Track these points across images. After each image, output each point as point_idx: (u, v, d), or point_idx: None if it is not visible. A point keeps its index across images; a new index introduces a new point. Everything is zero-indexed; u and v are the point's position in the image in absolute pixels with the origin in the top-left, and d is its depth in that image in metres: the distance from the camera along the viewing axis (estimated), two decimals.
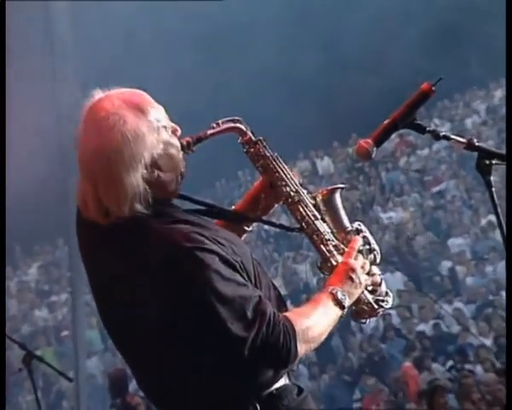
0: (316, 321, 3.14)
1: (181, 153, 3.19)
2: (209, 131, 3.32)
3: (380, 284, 3.45)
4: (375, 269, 3.46)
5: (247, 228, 3.60)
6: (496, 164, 3.72)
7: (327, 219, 3.47)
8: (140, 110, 3.06)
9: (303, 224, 3.44)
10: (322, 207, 3.48)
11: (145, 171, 3.02)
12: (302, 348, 3.07)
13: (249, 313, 2.96)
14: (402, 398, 14.67)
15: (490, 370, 13.64)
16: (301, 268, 21.15)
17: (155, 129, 3.07)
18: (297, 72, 22.87)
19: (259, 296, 3.03)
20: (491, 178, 3.73)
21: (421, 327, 18.81)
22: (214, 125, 3.34)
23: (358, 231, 3.47)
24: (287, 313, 3.11)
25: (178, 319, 2.99)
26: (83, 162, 3.08)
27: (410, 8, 24.97)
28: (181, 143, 3.20)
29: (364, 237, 3.47)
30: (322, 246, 3.40)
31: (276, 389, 3.11)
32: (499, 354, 13.97)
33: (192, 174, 3.31)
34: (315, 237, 3.42)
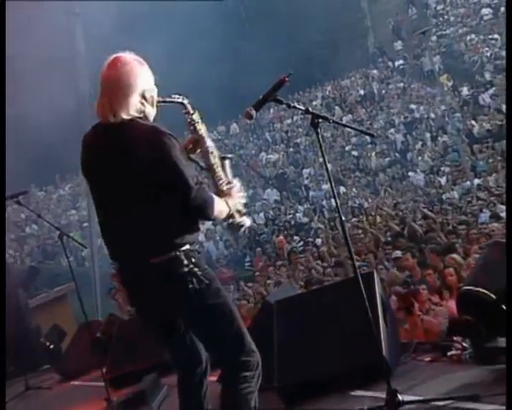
0: (219, 204, 3.15)
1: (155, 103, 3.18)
2: (168, 99, 3.27)
3: (244, 215, 3.43)
4: (242, 206, 3.42)
5: None
6: (321, 122, 3.71)
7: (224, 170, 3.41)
8: (141, 64, 3.11)
9: (210, 167, 3.36)
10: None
11: (139, 97, 3.07)
12: (214, 211, 3.08)
13: (195, 179, 3.02)
14: (276, 257, 14.89)
15: (324, 241, 13.94)
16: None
17: (148, 77, 3.12)
18: (213, 78, 22.30)
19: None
20: (319, 130, 3.72)
21: (287, 217, 19.12)
22: (173, 96, 3.30)
23: (236, 184, 3.40)
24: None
25: (154, 171, 2.97)
26: (106, 85, 3.07)
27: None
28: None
29: (239, 188, 3.39)
30: (219, 182, 3.34)
31: (189, 249, 3.03)
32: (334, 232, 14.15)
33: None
34: (215, 175, 3.35)
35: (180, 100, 3.30)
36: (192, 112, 3.32)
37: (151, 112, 3.13)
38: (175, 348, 3.24)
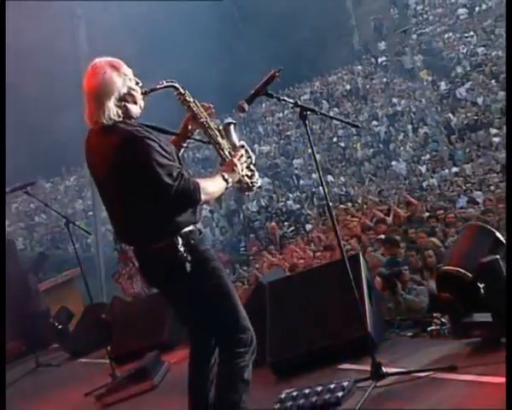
0: (211, 185, 3.09)
1: (141, 96, 3.11)
2: (158, 86, 3.21)
3: (253, 174, 3.35)
4: (252, 166, 3.35)
5: (183, 144, 3.39)
6: (309, 114, 3.66)
7: (226, 139, 3.32)
8: (115, 68, 3.03)
9: (211, 139, 3.30)
10: (223, 132, 3.33)
11: (116, 101, 3.00)
12: (203, 196, 3.00)
13: (174, 173, 2.93)
14: (268, 242, 14.88)
15: (313, 224, 13.92)
16: None
17: (123, 79, 3.04)
18: (210, 75, 22.13)
19: (181, 169, 2.99)
20: (307, 121, 3.66)
21: (279, 205, 19.10)
22: (160, 82, 3.23)
23: (243, 146, 3.33)
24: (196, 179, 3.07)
25: (133, 176, 2.94)
26: (86, 94, 3.04)
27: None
28: (141, 91, 3.13)
29: (246, 150, 3.32)
30: (220, 151, 3.28)
31: (189, 231, 3.03)
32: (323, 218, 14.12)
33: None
34: (217, 146, 3.29)
35: (170, 83, 3.24)
36: (183, 92, 3.26)
37: (135, 110, 3.08)
38: (185, 321, 3.26)
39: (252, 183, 3.34)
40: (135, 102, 3.08)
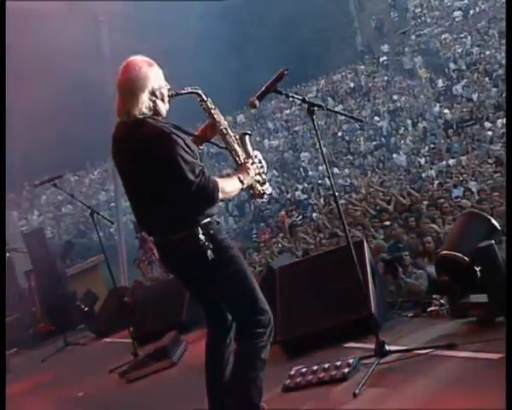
0: (228, 185, 3.07)
1: (167, 97, 3.08)
2: (183, 91, 3.17)
3: (265, 183, 3.31)
4: (264, 175, 3.30)
5: (200, 147, 3.30)
6: (316, 110, 3.61)
7: (242, 147, 3.28)
8: (150, 65, 3.03)
9: (228, 145, 3.27)
10: (239, 141, 3.29)
11: (148, 94, 2.99)
12: (220, 195, 2.98)
13: (197, 170, 2.91)
14: (277, 230, 14.86)
15: (320, 212, 13.84)
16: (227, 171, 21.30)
17: (156, 75, 3.03)
18: (220, 74, 21.97)
19: (203, 168, 2.96)
20: (314, 117, 3.62)
21: (288, 195, 19.08)
22: (185, 88, 3.19)
23: (256, 156, 3.30)
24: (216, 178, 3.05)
25: (159, 168, 2.92)
26: (120, 87, 3.02)
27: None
28: (168, 93, 3.11)
29: (259, 160, 3.28)
30: (236, 157, 3.25)
31: (208, 222, 3.00)
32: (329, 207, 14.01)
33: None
34: (233, 152, 3.26)
35: (194, 90, 3.20)
36: (206, 99, 3.22)
37: (162, 107, 3.04)
38: (203, 305, 3.23)
39: (263, 190, 3.31)
40: (163, 100, 3.05)
